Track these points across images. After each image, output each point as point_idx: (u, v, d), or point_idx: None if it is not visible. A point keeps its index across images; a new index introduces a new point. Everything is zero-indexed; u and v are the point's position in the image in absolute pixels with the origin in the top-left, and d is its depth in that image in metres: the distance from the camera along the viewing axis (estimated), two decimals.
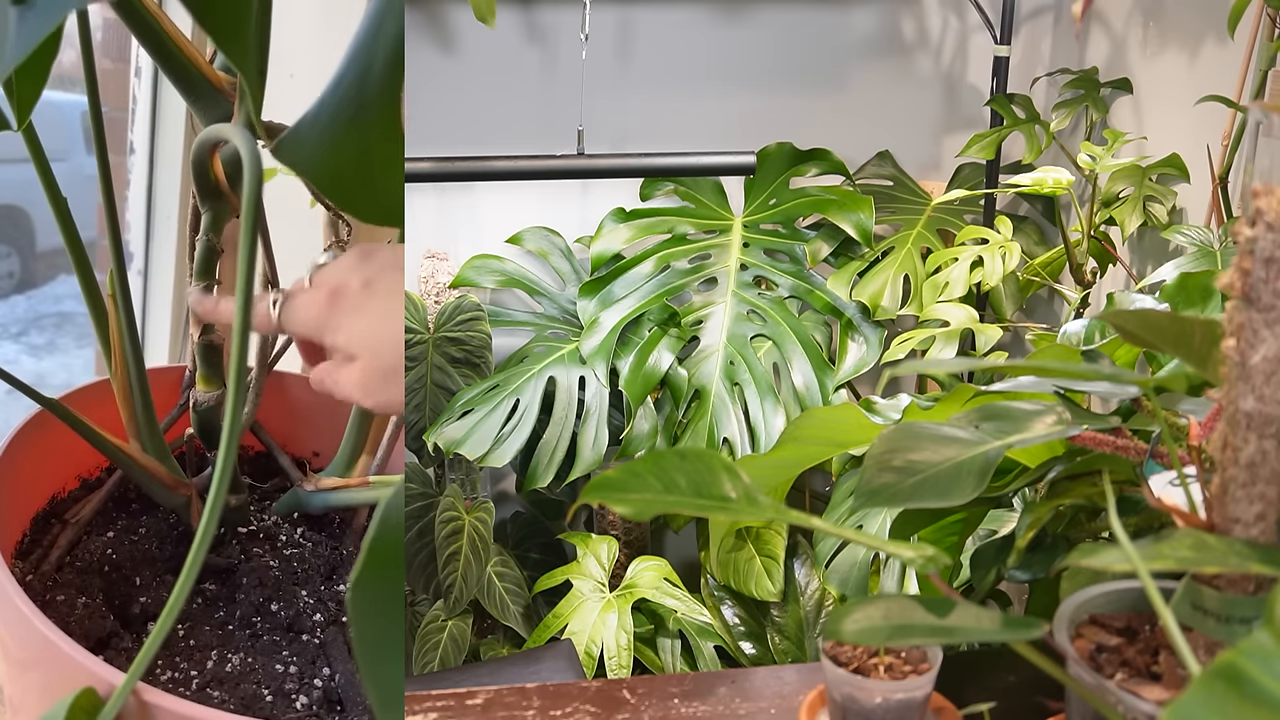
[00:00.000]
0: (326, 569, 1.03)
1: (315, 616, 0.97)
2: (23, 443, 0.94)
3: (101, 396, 0.99)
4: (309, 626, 0.96)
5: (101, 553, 0.95)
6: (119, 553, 0.96)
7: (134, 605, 0.93)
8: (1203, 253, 1.52)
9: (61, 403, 0.92)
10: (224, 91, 0.86)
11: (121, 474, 1.01)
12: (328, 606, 0.98)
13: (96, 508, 0.99)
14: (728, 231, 1.88)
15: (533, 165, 1.75)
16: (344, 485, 1.00)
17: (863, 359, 1.81)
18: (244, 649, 0.91)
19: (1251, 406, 0.56)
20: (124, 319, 0.93)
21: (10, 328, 3.99)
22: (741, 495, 0.65)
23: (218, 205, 0.89)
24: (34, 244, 3.98)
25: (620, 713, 0.85)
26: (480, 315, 1.79)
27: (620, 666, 1.68)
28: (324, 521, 1.09)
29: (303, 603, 0.97)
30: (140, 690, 0.72)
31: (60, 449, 0.99)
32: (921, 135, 2.07)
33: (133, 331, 0.94)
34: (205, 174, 0.87)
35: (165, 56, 0.82)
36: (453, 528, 1.70)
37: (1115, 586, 0.68)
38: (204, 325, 0.94)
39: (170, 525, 1.00)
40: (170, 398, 1.08)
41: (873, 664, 0.74)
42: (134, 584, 0.94)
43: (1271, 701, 0.41)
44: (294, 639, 0.94)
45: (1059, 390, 0.85)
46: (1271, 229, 0.53)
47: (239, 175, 0.87)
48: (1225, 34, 1.53)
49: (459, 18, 1.90)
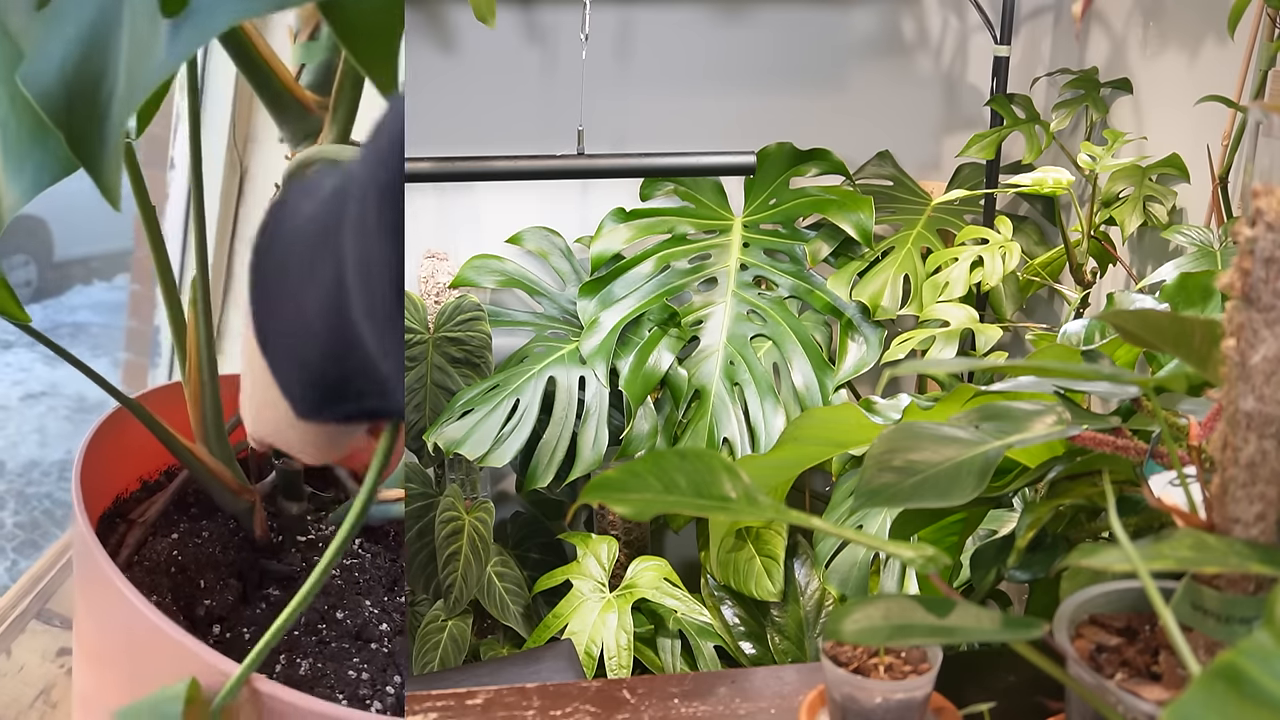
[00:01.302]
0: (388, 581, 1.04)
1: (382, 626, 0.97)
2: (98, 442, 0.96)
3: (170, 400, 1.00)
4: (376, 635, 0.96)
5: (168, 554, 0.96)
6: (184, 555, 0.96)
7: (199, 608, 0.93)
8: (1203, 253, 1.52)
9: (139, 402, 0.93)
10: (311, 110, 0.88)
11: (183, 477, 1.02)
12: (392, 618, 0.99)
13: (161, 509, 1.01)
14: (728, 231, 1.88)
15: (533, 165, 1.75)
16: (402, 498, 1.02)
17: (863, 359, 1.81)
18: (312, 654, 0.91)
19: (1251, 406, 0.56)
20: (203, 326, 0.94)
21: (25, 336, 3.99)
22: (741, 495, 0.65)
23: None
24: (51, 254, 4.00)
25: (620, 713, 0.85)
26: (480, 315, 1.79)
27: (620, 666, 1.68)
28: (381, 534, 1.10)
29: (368, 612, 0.98)
30: (253, 679, 0.72)
31: (126, 450, 1.00)
32: (921, 135, 2.07)
33: (210, 339, 0.96)
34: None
35: (257, 75, 0.84)
36: (453, 528, 1.70)
37: (1115, 586, 0.68)
38: None
39: (231, 530, 1.01)
40: (229, 404, 1.10)
41: (873, 664, 0.74)
42: (199, 586, 0.95)
43: (1271, 701, 0.41)
44: (363, 647, 0.95)
45: (1059, 390, 0.85)
46: (1271, 229, 0.53)
47: None
48: (1225, 34, 1.53)
49: (459, 18, 1.90)
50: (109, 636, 0.80)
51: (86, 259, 4.22)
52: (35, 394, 3.60)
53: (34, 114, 0.69)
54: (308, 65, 0.89)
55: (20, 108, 0.70)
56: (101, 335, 3.62)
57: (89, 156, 0.63)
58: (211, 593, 0.95)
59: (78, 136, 0.62)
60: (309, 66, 0.89)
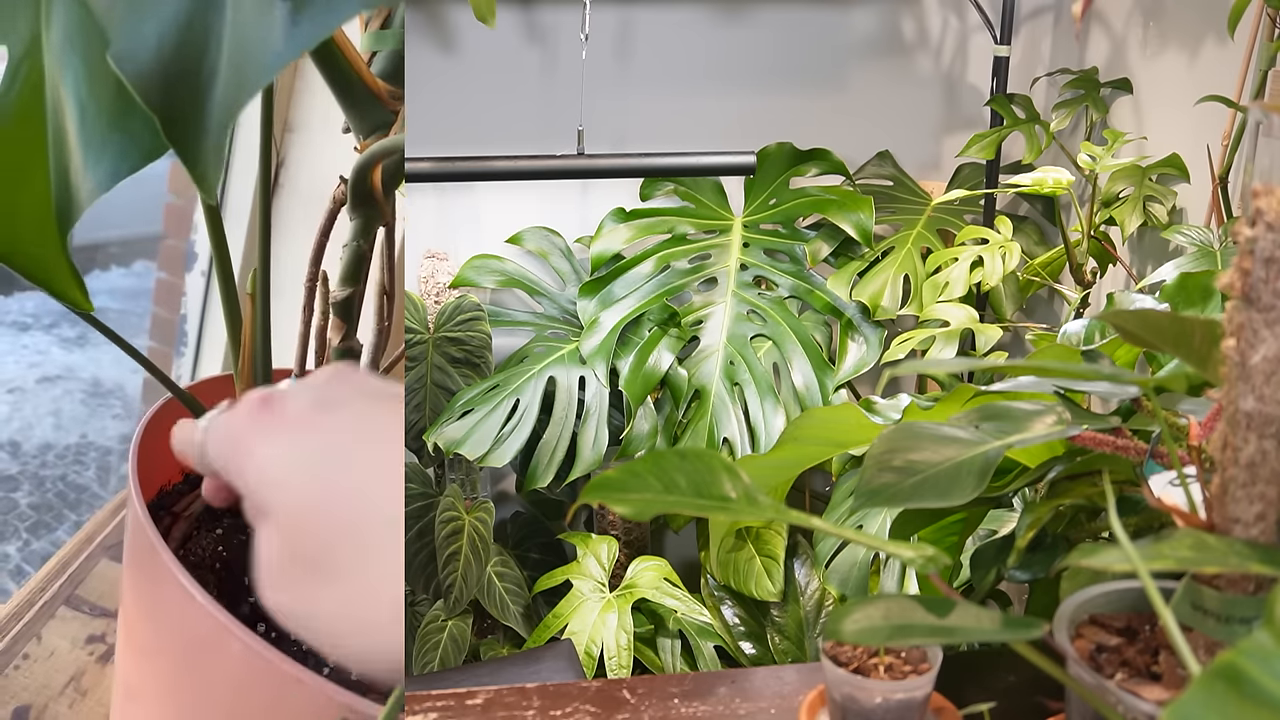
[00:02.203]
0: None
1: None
2: (152, 428, 0.94)
3: (220, 392, 0.98)
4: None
5: (213, 549, 0.94)
6: (229, 551, 0.95)
7: (243, 605, 0.91)
8: (1203, 253, 1.52)
9: (190, 393, 0.92)
10: (383, 100, 0.86)
11: None
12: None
13: (204, 504, 0.98)
14: (728, 231, 1.88)
15: (533, 165, 1.75)
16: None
17: (863, 359, 1.81)
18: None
19: (1251, 406, 0.56)
20: (260, 319, 0.92)
21: (43, 319, 4.00)
22: (741, 495, 0.65)
23: (369, 212, 0.89)
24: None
25: (620, 713, 0.85)
26: (480, 315, 1.79)
27: (620, 666, 1.68)
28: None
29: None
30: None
31: (169, 442, 1.00)
32: (921, 135, 2.07)
33: (266, 332, 0.94)
34: (364, 181, 0.87)
35: (327, 61, 0.81)
36: (453, 528, 1.70)
37: (1115, 586, 0.68)
38: (346, 330, 0.93)
39: None
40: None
41: (873, 664, 0.74)
42: (242, 584, 0.93)
43: (1271, 701, 0.41)
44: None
45: (1059, 390, 0.85)
46: (1271, 229, 0.53)
47: (393, 185, 0.91)
48: (1225, 34, 1.53)
49: (459, 18, 1.90)
50: (160, 628, 0.78)
51: (105, 244, 4.22)
52: (51, 377, 3.61)
53: (115, 97, 0.66)
54: (379, 53, 0.87)
55: (100, 91, 0.67)
56: (120, 321, 3.62)
57: (186, 143, 0.59)
58: (255, 591, 0.94)
59: (175, 120, 0.59)
60: (380, 54, 0.87)
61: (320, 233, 0.92)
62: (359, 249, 0.90)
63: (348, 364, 0.86)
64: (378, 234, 0.93)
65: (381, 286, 1.01)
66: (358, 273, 0.90)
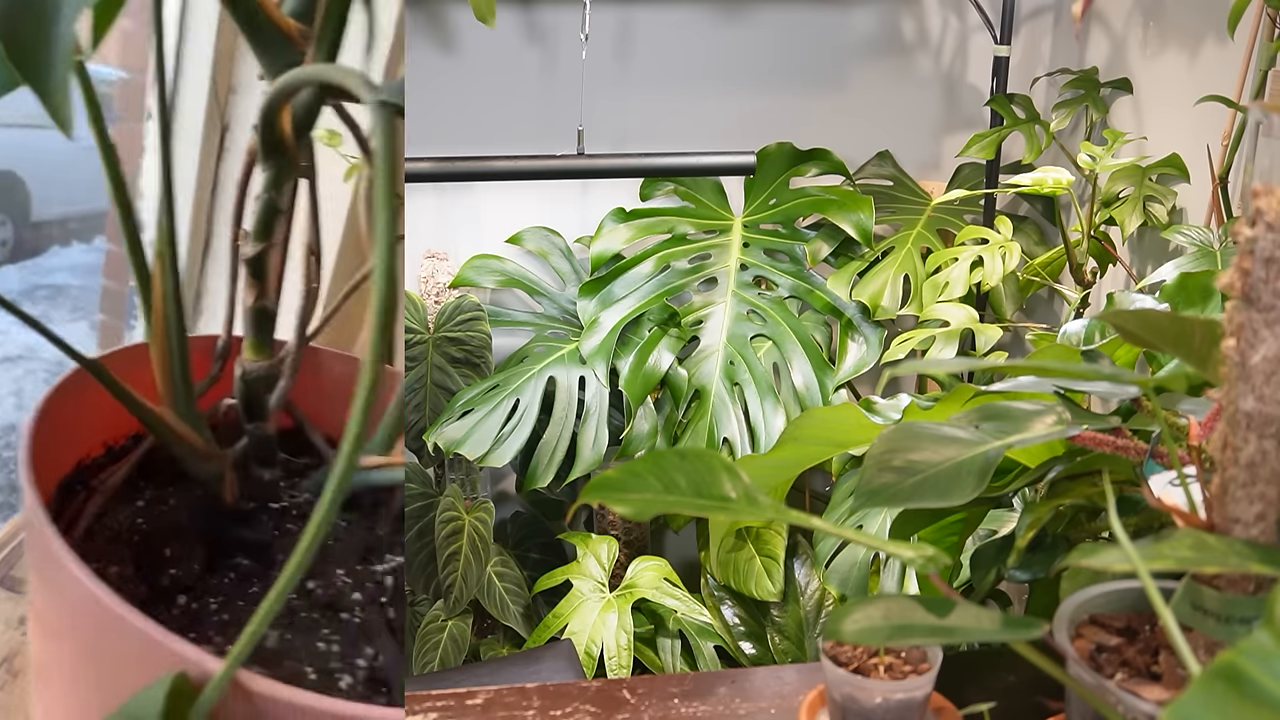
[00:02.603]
0: (362, 550, 1.00)
1: (354, 595, 0.94)
2: (55, 405, 0.91)
3: (136, 361, 0.95)
4: (348, 606, 0.93)
5: (131, 522, 0.92)
6: (149, 522, 0.93)
7: (163, 577, 0.90)
8: (1203, 253, 1.52)
9: (101, 363, 0.89)
10: (293, 39, 0.81)
11: (150, 443, 0.98)
12: (365, 588, 0.96)
13: (125, 475, 0.96)
14: (728, 231, 1.88)
15: (533, 165, 1.75)
16: (383, 464, 0.98)
17: (863, 359, 1.81)
18: (281, 625, 0.89)
19: (1251, 406, 0.56)
20: (170, 280, 0.88)
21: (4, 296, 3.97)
22: (741, 495, 0.65)
23: (280, 161, 0.85)
24: (29, 213, 3.95)
25: (620, 713, 0.85)
26: (480, 315, 1.79)
27: (620, 666, 1.68)
28: (357, 502, 1.06)
29: (340, 582, 0.95)
30: (241, 676, 0.69)
31: (88, 414, 0.96)
32: (921, 135, 2.07)
33: (176, 294, 0.90)
34: (273, 126, 0.82)
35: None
36: (453, 528, 1.70)
37: (1115, 586, 0.68)
38: (259, 288, 0.89)
39: (200, 497, 0.98)
40: (199, 367, 1.04)
41: (873, 664, 0.74)
42: (163, 555, 0.92)
43: (1271, 701, 0.41)
44: (333, 618, 0.92)
45: (1059, 390, 0.85)
46: (1271, 229, 0.53)
47: (306, 129, 0.83)
48: (1225, 34, 1.53)
49: (459, 18, 1.90)
50: (62, 611, 0.77)
51: (65, 219, 4.17)
52: (13, 357, 3.59)
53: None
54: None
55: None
56: (81, 297, 3.60)
57: (33, 70, 0.57)
58: (177, 561, 0.91)
59: (20, 48, 0.56)
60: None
61: (238, 188, 0.88)
62: (270, 201, 0.85)
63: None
64: (296, 187, 0.88)
65: (308, 246, 0.98)
66: (270, 227, 0.86)
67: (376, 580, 0.97)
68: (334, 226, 1.52)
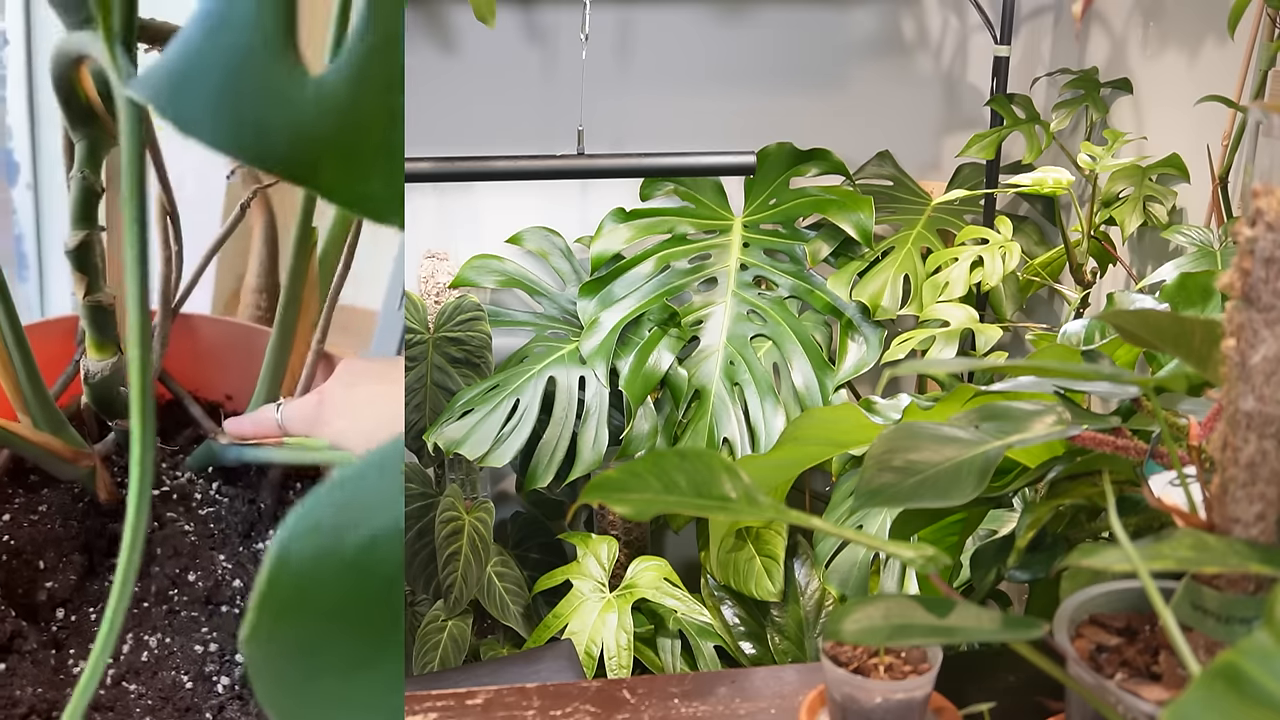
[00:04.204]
0: (244, 527, 0.95)
1: (234, 583, 0.90)
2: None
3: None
4: (228, 596, 0.89)
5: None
6: (18, 538, 0.86)
7: (39, 592, 0.85)
8: (1203, 253, 1.52)
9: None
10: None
11: (10, 451, 0.91)
12: (246, 570, 0.92)
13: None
14: (728, 231, 1.88)
15: (533, 165, 1.75)
16: (263, 441, 0.91)
17: (863, 359, 1.81)
18: (160, 628, 0.85)
19: (1251, 406, 0.56)
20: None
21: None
22: (741, 495, 0.65)
23: (92, 132, 0.74)
24: None
25: (620, 713, 0.85)
26: (480, 315, 1.79)
27: (620, 666, 1.68)
28: (239, 473, 1.00)
29: (221, 569, 0.90)
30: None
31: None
32: (921, 135, 2.07)
33: (5, 297, 0.81)
34: (73, 94, 0.71)
35: None
36: (453, 528, 1.70)
37: (1115, 586, 0.68)
38: (89, 282, 0.80)
39: (74, 497, 0.92)
40: (63, 350, 0.96)
41: (873, 664, 0.74)
42: (38, 569, 0.86)
43: (1271, 701, 0.41)
44: (213, 612, 0.88)
45: (1059, 390, 0.85)
46: (1271, 229, 0.53)
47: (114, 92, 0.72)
48: (1225, 34, 1.53)
49: (459, 18, 1.90)
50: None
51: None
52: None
53: None
54: None
55: None
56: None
57: None
58: (54, 573, 0.86)
59: None
60: None
61: (65, 155, 0.77)
62: (85, 182, 0.74)
63: (352, 360, 0.85)
64: (118, 153, 0.77)
65: (162, 206, 0.90)
66: (88, 212, 0.76)
67: (258, 560, 0.92)
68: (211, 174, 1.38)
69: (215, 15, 0.49)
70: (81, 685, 0.59)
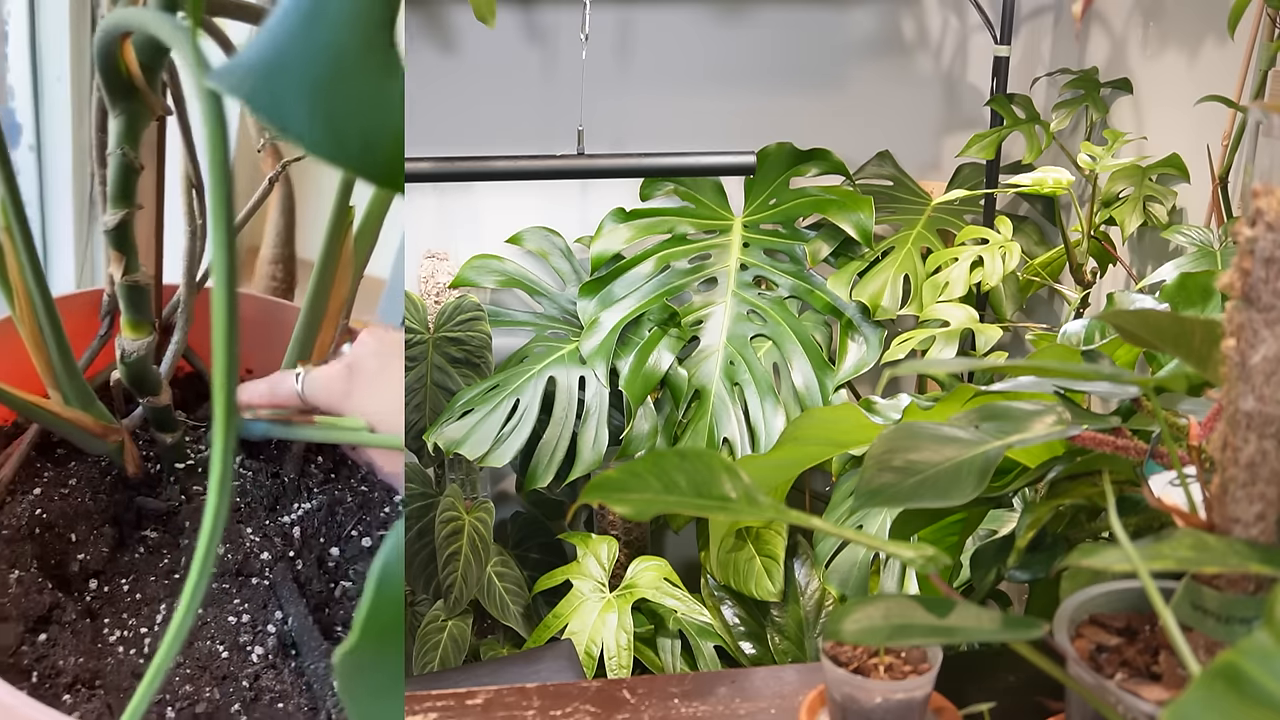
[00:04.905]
0: (269, 500, 0.96)
1: (263, 555, 0.91)
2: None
3: (3, 341, 0.87)
4: (257, 568, 0.90)
5: (30, 514, 0.86)
6: (49, 511, 0.87)
7: (72, 564, 0.86)
8: (1203, 253, 1.52)
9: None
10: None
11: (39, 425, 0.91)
12: (274, 542, 0.92)
13: (18, 464, 0.90)
14: (728, 231, 1.88)
15: (533, 165, 1.75)
16: (288, 417, 0.91)
17: (863, 359, 1.81)
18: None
19: (1251, 406, 0.56)
20: (25, 257, 0.78)
21: None
22: (741, 495, 0.65)
23: (131, 107, 0.71)
24: None
25: (620, 713, 0.85)
26: (480, 315, 1.79)
27: (620, 666, 1.68)
28: (261, 447, 1.00)
29: (249, 542, 0.91)
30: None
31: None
32: (921, 135, 2.07)
33: (37, 271, 0.80)
34: (115, 67, 0.69)
35: None
36: (453, 528, 1.70)
37: (1115, 586, 0.68)
38: (127, 261, 0.79)
39: (103, 470, 0.92)
40: (88, 325, 0.96)
41: (873, 664, 0.74)
42: (70, 541, 0.87)
43: (1271, 701, 0.41)
44: (243, 584, 0.89)
45: (1059, 390, 0.85)
46: (1271, 229, 0.53)
47: (159, 65, 0.70)
48: (1225, 34, 1.53)
49: (459, 18, 1.90)
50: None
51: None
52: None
53: None
54: None
55: None
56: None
57: None
58: (85, 545, 0.87)
59: None
60: None
61: (96, 127, 0.76)
62: (124, 159, 0.72)
63: (379, 330, 0.83)
64: (154, 129, 0.76)
65: (187, 179, 0.88)
66: (127, 190, 0.74)
67: (284, 533, 0.93)
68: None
69: (309, 6, 0.45)
70: (161, 654, 0.61)
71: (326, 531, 0.96)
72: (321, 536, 0.95)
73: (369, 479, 1.01)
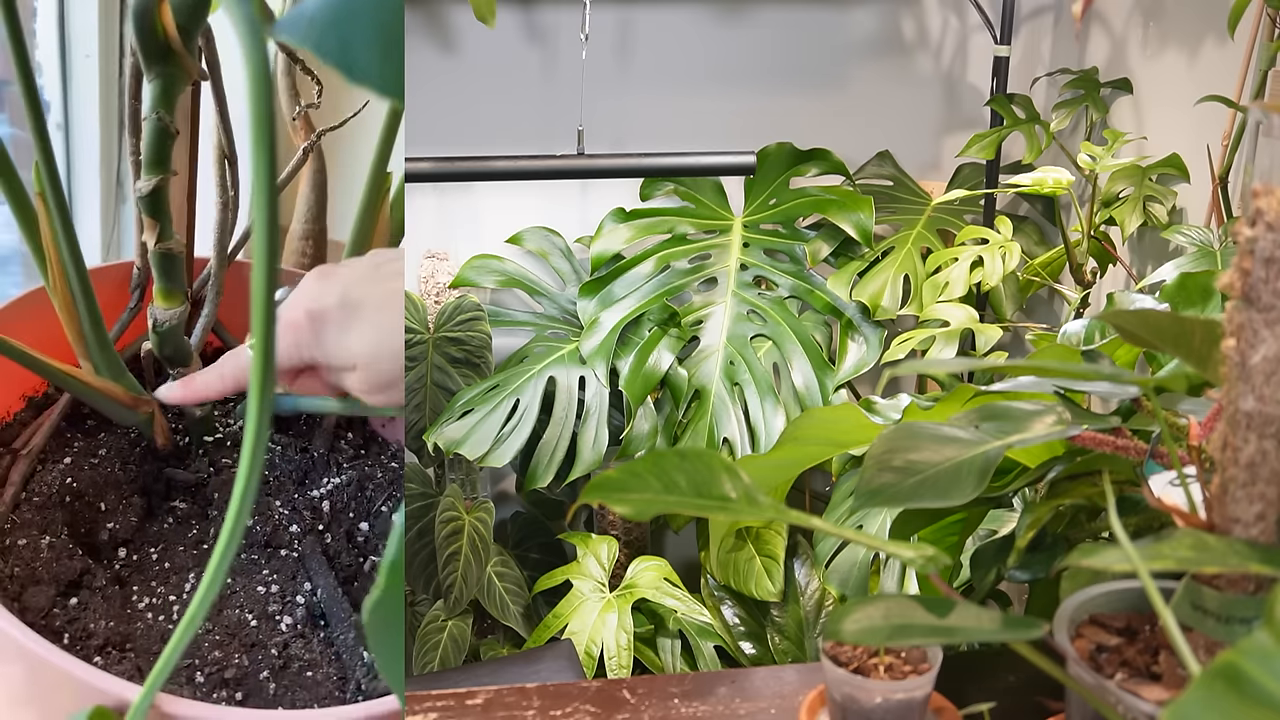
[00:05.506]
0: (299, 475, 0.97)
1: (291, 528, 0.92)
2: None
3: (36, 310, 0.88)
4: (286, 540, 0.91)
5: (61, 483, 0.87)
6: (79, 480, 0.88)
7: (101, 532, 0.88)
8: (1203, 253, 1.52)
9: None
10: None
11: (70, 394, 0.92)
12: (303, 516, 0.93)
13: (49, 433, 0.91)
14: (728, 231, 1.88)
15: (533, 165, 1.75)
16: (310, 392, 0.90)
17: (863, 359, 1.81)
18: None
19: (1251, 406, 0.56)
20: (59, 224, 0.78)
21: None
22: (741, 495, 0.65)
23: (168, 70, 0.70)
24: None
25: (620, 713, 0.85)
26: (480, 315, 1.79)
27: (620, 666, 1.68)
28: (290, 421, 1.01)
29: (278, 515, 0.92)
30: (159, 701, 0.66)
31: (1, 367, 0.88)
32: (921, 135, 2.07)
33: (71, 239, 0.80)
34: (151, 29, 0.67)
35: None
36: (453, 528, 1.70)
37: (1115, 586, 0.68)
38: (160, 228, 0.78)
39: (132, 441, 0.93)
40: (119, 297, 0.96)
41: (873, 664, 0.74)
42: (99, 510, 0.88)
43: (1271, 701, 0.41)
44: (272, 555, 0.90)
45: (1059, 390, 0.85)
46: (1271, 229, 0.53)
47: (195, 27, 0.70)
48: (1225, 34, 1.53)
49: (459, 18, 1.90)
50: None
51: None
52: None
53: None
54: None
55: None
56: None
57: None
58: (114, 514, 0.88)
59: None
60: None
61: (129, 110, 0.76)
62: (159, 124, 0.71)
63: (326, 266, 0.79)
64: (190, 94, 0.76)
65: (220, 149, 0.88)
66: (162, 155, 0.73)
67: (313, 507, 0.94)
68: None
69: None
70: (187, 618, 0.63)
71: (356, 506, 0.97)
72: (351, 511, 0.96)
73: (399, 456, 1.02)
